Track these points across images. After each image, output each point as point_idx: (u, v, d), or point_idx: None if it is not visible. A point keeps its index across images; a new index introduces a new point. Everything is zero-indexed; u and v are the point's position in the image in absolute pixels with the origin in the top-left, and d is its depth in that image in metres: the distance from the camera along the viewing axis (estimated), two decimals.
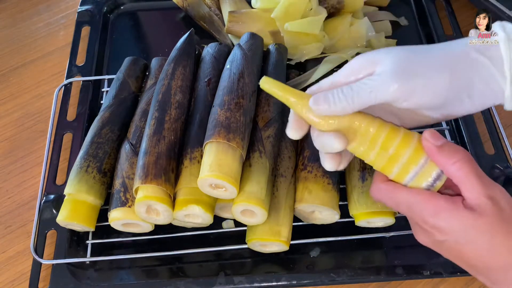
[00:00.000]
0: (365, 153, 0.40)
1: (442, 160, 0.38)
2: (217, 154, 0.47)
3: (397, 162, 0.39)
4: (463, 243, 0.37)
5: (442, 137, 0.38)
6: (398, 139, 0.39)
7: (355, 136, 0.39)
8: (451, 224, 0.37)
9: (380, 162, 0.40)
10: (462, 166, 0.37)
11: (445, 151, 0.38)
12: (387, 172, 0.40)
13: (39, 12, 0.83)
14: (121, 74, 0.63)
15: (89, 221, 0.53)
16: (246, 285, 0.52)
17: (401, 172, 0.39)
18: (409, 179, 0.39)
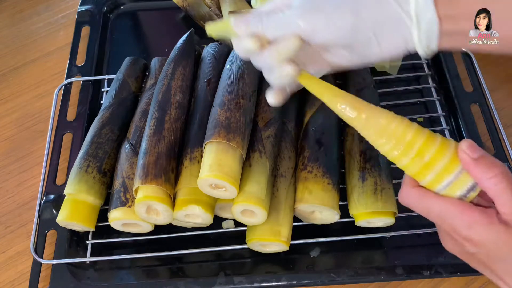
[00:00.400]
0: (397, 158, 0.39)
1: (479, 174, 0.37)
2: (217, 154, 0.47)
3: (432, 170, 0.38)
4: (494, 257, 0.37)
5: (480, 149, 0.37)
6: (435, 147, 0.38)
7: (390, 140, 0.39)
8: (484, 238, 0.37)
9: (413, 168, 0.39)
10: (498, 181, 0.36)
11: (482, 164, 0.37)
12: (419, 178, 0.39)
13: (39, 12, 0.83)
14: (121, 74, 0.63)
15: (89, 221, 0.53)
16: (246, 285, 0.52)
17: (434, 180, 0.38)
18: (442, 188, 0.38)
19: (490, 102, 0.62)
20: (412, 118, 0.63)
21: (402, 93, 0.66)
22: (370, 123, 0.39)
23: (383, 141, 0.39)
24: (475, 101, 0.63)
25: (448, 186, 0.38)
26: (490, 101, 0.62)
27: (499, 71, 0.70)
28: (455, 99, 0.64)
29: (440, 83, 0.67)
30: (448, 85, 0.65)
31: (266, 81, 0.57)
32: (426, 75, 0.67)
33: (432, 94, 0.65)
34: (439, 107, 0.64)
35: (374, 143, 0.40)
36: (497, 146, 0.59)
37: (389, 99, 0.65)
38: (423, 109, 0.65)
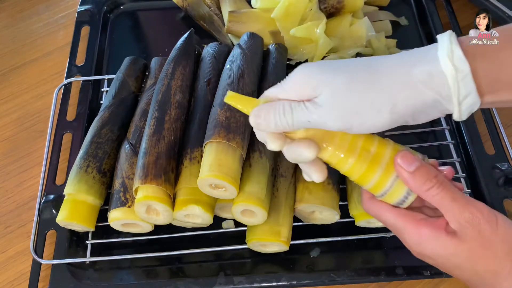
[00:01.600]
0: (342, 161, 0.39)
1: (416, 187, 0.38)
2: (217, 154, 0.47)
3: (370, 180, 0.39)
4: (450, 267, 0.39)
5: (414, 159, 0.38)
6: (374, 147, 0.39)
7: (331, 143, 0.39)
8: (435, 252, 0.38)
9: (357, 171, 0.39)
10: (436, 192, 0.37)
11: (417, 177, 0.38)
12: (361, 184, 0.40)
13: (39, 12, 0.83)
14: (121, 74, 0.63)
15: (88, 221, 0.53)
16: (246, 285, 0.52)
17: (374, 187, 0.40)
18: (382, 194, 0.40)
19: None
20: None
21: None
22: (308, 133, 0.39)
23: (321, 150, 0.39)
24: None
25: (387, 193, 0.39)
26: None
27: None
28: None
29: None
30: None
31: (266, 81, 0.57)
32: None
33: None
34: None
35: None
36: (497, 146, 0.59)
37: None
38: None
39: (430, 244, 0.38)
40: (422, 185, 0.38)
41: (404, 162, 0.38)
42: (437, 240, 0.38)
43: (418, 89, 0.34)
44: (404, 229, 0.39)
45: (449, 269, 0.39)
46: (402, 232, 0.40)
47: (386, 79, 0.35)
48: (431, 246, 0.38)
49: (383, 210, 0.40)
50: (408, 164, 0.38)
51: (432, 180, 0.37)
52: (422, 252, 0.39)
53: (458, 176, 0.58)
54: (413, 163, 0.38)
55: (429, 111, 0.36)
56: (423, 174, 0.38)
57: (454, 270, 0.39)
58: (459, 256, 0.37)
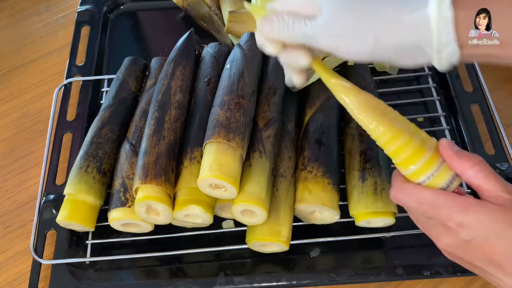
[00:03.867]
0: (397, 135, 0.40)
1: (461, 164, 0.39)
2: (217, 154, 0.47)
3: (419, 159, 0.40)
4: (493, 238, 0.37)
5: (457, 146, 0.40)
6: (422, 137, 0.41)
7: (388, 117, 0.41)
8: (480, 219, 0.37)
9: (403, 154, 0.40)
10: (480, 168, 0.38)
11: (463, 156, 0.39)
12: (405, 166, 0.41)
13: (39, 12, 0.83)
14: (121, 74, 0.63)
15: (89, 221, 0.53)
16: (246, 285, 0.52)
17: (419, 170, 0.40)
18: (427, 178, 0.40)
19: (490, 102, 0.62)
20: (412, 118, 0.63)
21: (402, 93, 0.66)
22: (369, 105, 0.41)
23: (377, 122, 0.41)
24: (475, 101, 0.63)
25: (433, 176, 0.40)
26: (490, 101, 0.62)
27: (499, 71, 0.70)
28: (455, 99, 0.64)
29: (440, 83, 0.67)
30: (448, 85, 0.66)
31: (266, 81, 0.57)
32: (426, 75, 0.67)
33: (432, 94, 0.65)
34: (439, 107, 0.64)
35: (367, 126, 0.41)
36: (497, 146, 0.59)
37: (389, 99, 0.64)
38: (423, 109, 0.65)
39: (477, 209, 0.37)
40: (467, 162, 0.39)
41: (449, 144, 0.40)
42: (484, 207, 0.37)
43: (402, 28, 0.37)
44: (446, 200, 0.39)
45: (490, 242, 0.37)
46: (444, 203, 0.39)
47: (376, 13, 0.38)
48: (478, 211, 0.37)
49: (420, 188, 0.40)
50: (453, 146, 0.40)
51: (476, 157, 0.39)
52: (465, 221, 0.38)
53: None
54: (456, 146, 0.40)
55: (412, 54, 0.38)
56: (467, 154, 0.39)
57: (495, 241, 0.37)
58: (507, 222, 0.37)
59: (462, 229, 0.38)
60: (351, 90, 0.42)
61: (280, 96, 0.56)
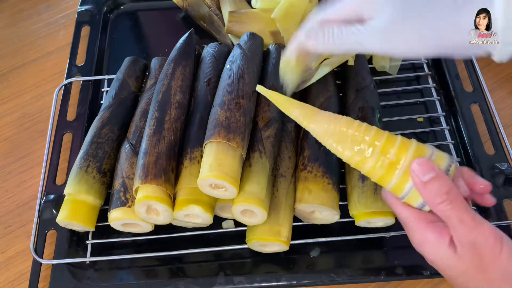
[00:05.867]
0: (362, 162, 0.41)
1: (426, 197, 0.39)
2: (217, 154, 0.47)
3: (388, 183, 0.40)
4: (447, 274, 0.40)
5: (431, 168, 0.38)
6: (394, 149, 0.40)
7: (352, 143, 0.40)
8: (433, 257, 0.40)
9: (376, 174, 0.41)
10: (445, 208, 0.38)
11: (430, 188, 0.38)
12: (384, 184, 0.41)
13: (39, 12, 0.83)
14: (121, 74, 0.63)
15: (89, 221, 0.53)
16: (246, 285, 0.52)
17: (393, 190, 0.41)
18: (402, 197, 0.41)
19: (490, 102, 0.62)
20: (412, 118, 0.63)
21: (402, 93, 0.66)
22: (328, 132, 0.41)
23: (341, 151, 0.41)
24: (475, 101, 0.63)
25: (407, 196, 0.40)
26: (490, 101, 0.62)
27: (499, 71, 0.70)
28: (455, 99, 0.64)
29: (440, 83, 0.67)
30: (448, 85, 0.66)
31: (266, 81, 0.57)
32: (426, 75, 0.67)
33: (432, 94, 0.65)
34: (439, 107, 0.64)
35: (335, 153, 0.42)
36: (497, 146, 0.59)
37: (389, 99, 0.65)
38: (423, 109, 0.65)
39: (431, 249, 0.39)
40: (432, 197, 0.38)
41: (419, 170, 0.38)
42: (438, 249, 0.39)
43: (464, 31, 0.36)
44: (412, 228, 0.41)
45: (448, 276, 0.41)
46: (408, 229, 0.42)
47: (439, 13, 0.36)
48: (432, 252, 0.40)
49: (398, 205, 0.42)
50: (423, 173, 0.38)
51: (443, 195, 0.37)
52: (422, 252, 0.41)
53: None
54: (428, 172, 0.38)
55: (472, 51, 0.37)
56: (436, 186, 0.38)
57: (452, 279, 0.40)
58: (455, 270, 0.38)
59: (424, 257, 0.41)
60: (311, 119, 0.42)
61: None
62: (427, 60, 0.68)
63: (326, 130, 0.41)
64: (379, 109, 0.57)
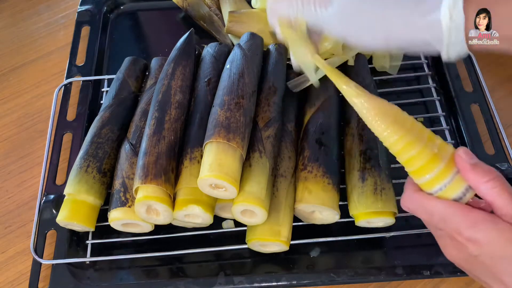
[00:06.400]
0: (408, 146, 0.39)
1: (475, 178, 0.38)
2: (217, 154, 0.47)
3: (433, 169, 0.39)
4: (499, 257, 0.37)
5: (475, 157, 0.39)
6: (437, 145, 0.39)
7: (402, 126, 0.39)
8: (489, 236, 0.37)
9: (417, 163, 0.39)
10: (495, 184, 0.37)
11: (478, 169, 0.38)
12: (418, 176, 0.40)
13: (39, 12, 0.83)
14: (121, 74, 0.63)
15: (89, 221, 0.53)
16: (246, 285, 0.52)
17: (433, 180, 0.39)
18: (439, 189, 0.39)
19: (490, 102, 0.62)
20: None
21: (402, 93, 0.66)
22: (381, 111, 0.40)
23: (390, 131, 0.39)
24: (475, 101, 0.63)
25: (446, 187, 0.39)
26: (490, 101, 0.62)
27: (499, 71, 0.70)
28: (455, 99, 0.64)
29: (440, 83, 0.67)
30: (448, 85, 0.65)
31: (266, 81, 0.57)
32: (426, 75, 0.67)
33: (432, 94, 0.65)
34: (439, 107, 0.64)
35: (381, 133, 0.40)
36: (497, 146, 0.59)
37: (389, 99, 0.63)
38: (423, 109, 0.65)
39: (486, 226, 0.37)
40: (482, 176, 0.38)
41: (466, 155, 0.39)
42: (494, 223, 0.37)
43: (413, 30, 0.39)
44: (456, 213, 0.38)
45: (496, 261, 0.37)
46: (454, 216, 0.38)
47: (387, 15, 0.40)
48: (487, 228, 0.37)
49: (432, 199, 0.40)
50: (470, 157, 0.39)
51: (492, 173, 0.38)
52: (473, 236, 0.37)
53: None
54: (474, 158, 0.39)
55: (421, 48, 0.41)
56: (484, 167, 0.38)
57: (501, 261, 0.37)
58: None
59: (470, 244, 0.38)
60: (363, 96, 0.40)
61: (280, 96, 0.56)
62: (427, 60, 0.68)
63: (379, 109, 0.40)
64: None
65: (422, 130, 0.40)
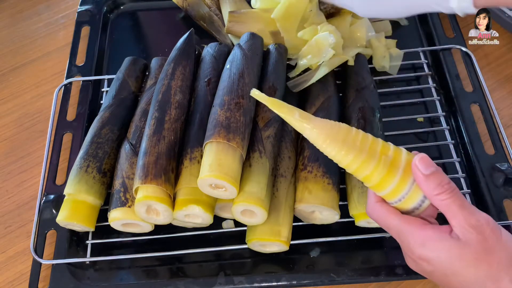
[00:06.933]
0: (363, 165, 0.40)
1: (428, 190, 0.39)
2: (217, 154, 0.47)
3: (389, 185, 0.40)
4: (450, 274, 0.38)
5: (432, 165, 0.39)
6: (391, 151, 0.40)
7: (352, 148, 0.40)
8: (437, 255, 0.38)
9: (377, 176, 0.40)
10: (445, 197, 0.38)
11: (431, 180, 0.39)
12: (378, 190, 0.41)
13: (39, 12, 0.83)
14: (121, 74, 0.63)
15: (89, 221, 0.53)
16: (246, 285, 0.52)
17: (391, 193, 0.40)
18: (398, 200, 0.41)
19: (490, 102, 0.62)
20: (412, 118, 0.63)
21: (402, 93, 0.66)
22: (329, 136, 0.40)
23: (344, 153, 0.40)
24: (475, 101, 0.63)
25: (405, 197, 0.40)
26: (490, 101, 0.62)
27: (499, 71, 0.70)
28: (455, 99, 0.64)
29: (440, 83, 0.67)
30: (448, 85, 0.65)
31: (266, 81, 0.57)
32: (426, 75, 0.67)
33: (432, 94, 0.65)
34: (439, 107, 0.64)
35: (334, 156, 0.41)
36: (497, 146, 0.59)
37: (389, 99, 0.65)
38: (423, 109, 0.65)
39: (434, 244, 0.38)
40: (434, 188, 0.38)
41: (421, 165, 0.39)
42: (442, 242, 0.38)
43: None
44: (407, 231, 0.40)
45: (448, 278, 0.39)
46: (406, 234, 0.40)
47: None
48: (435, 247, 0.38)
49: (389, 213, 0.41)
50: (425, 167, 0.39)
51: (444, 186, 0.38)
52: (423, 255, 0.39)
53: (458, 176, 0.58)
54: (429, 167, 0.39)
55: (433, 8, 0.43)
56: (437, 178, 0.39)
57: (453, 278, 0.39)
58: (464, 259, 0.37)
59: (422, 262, 0.40)
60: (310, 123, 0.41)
61: (280, 96, 0.56)
62: (427, 60, 0.68)
63: (327, 134, 0.40)
64: (379, 109, 0.57)
65: (374, 144, 0.40)
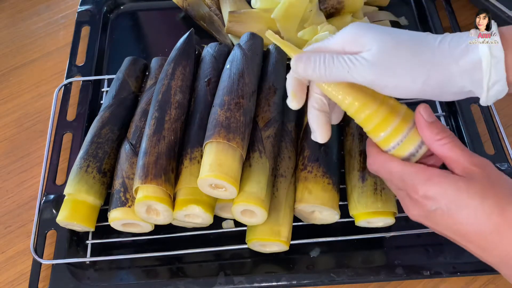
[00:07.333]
0: (363, 106, 0.41)
1: (430, 135, 0.40)
2: (217, 154, 0.47)
3: (388, 126, 0.41)
4: (455, 208, 0.38)
5: (434, 115, 0.41)
6: (391, 103, 0.42)
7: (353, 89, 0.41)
8: (443, 189, 0.38)
9: (373, 122, 0.41)
10: (447, 141, 0.39)
11: (434, 127, 0.40)
12: (376, 134, 0.42)
13: (39, 12, 0.83)
14: (121, 74, 0.63)
15: (89, 221, 0.53)
16: (246, 285, 0.52)
17: (388, 137, 0.41)
18: (395, 145, 0.41)
19: None
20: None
21: None
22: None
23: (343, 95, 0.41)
24: (475, 101, 0.63)
25: (400, 144, 0.41)
26: None
27: None
28: None
29: None
30: None
31: (266, 81, 0.57)
32: None
33: None
34: (439, 107, 0.64)
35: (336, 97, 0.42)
36: (497, 146, 0.59)
37: None
38: None
39: (440, 179, 0.38)
40: (436, 134, 0.40)
41: (425, 112, 0.40)
42: (447, 177, 0.38)
43: (452, 72, 0.38)
44: (412, 172, 0.40)
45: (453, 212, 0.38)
46: (410, 174, 0.40)
47: (428, 54, 0.38)
48: (441, 181, 0.38)
49: (391, 160, 0.42)
50: (428, 115, 0.40)
51: (446, 131, 0.40)
52: (428, 192, 0.38)
53: None
54: (432, 116, 0.41)
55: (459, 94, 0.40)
56: (439, 125, 0.40)
57: (458, 212, 0.38)
58: (469, 191, 0.37)
59: (426, 201, 0.39)
60: None
61: (280, 96, 0.56)
62: None
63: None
64: None
65: (375, 92, 0.41)
